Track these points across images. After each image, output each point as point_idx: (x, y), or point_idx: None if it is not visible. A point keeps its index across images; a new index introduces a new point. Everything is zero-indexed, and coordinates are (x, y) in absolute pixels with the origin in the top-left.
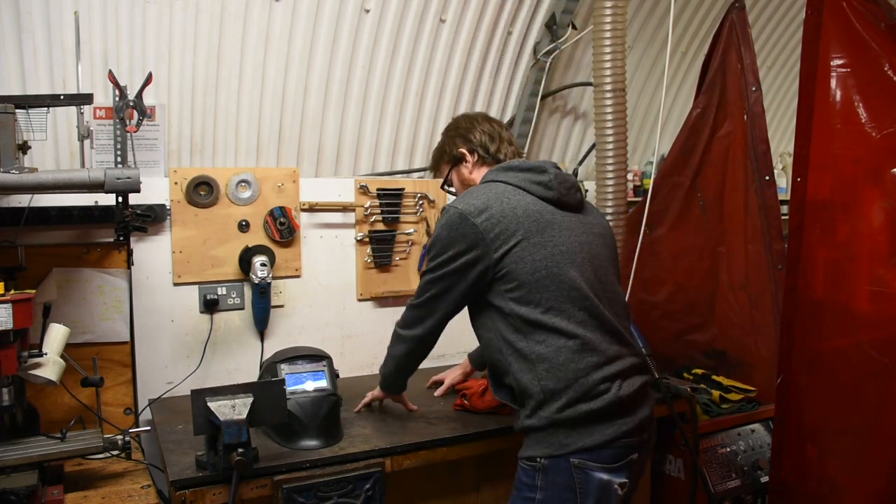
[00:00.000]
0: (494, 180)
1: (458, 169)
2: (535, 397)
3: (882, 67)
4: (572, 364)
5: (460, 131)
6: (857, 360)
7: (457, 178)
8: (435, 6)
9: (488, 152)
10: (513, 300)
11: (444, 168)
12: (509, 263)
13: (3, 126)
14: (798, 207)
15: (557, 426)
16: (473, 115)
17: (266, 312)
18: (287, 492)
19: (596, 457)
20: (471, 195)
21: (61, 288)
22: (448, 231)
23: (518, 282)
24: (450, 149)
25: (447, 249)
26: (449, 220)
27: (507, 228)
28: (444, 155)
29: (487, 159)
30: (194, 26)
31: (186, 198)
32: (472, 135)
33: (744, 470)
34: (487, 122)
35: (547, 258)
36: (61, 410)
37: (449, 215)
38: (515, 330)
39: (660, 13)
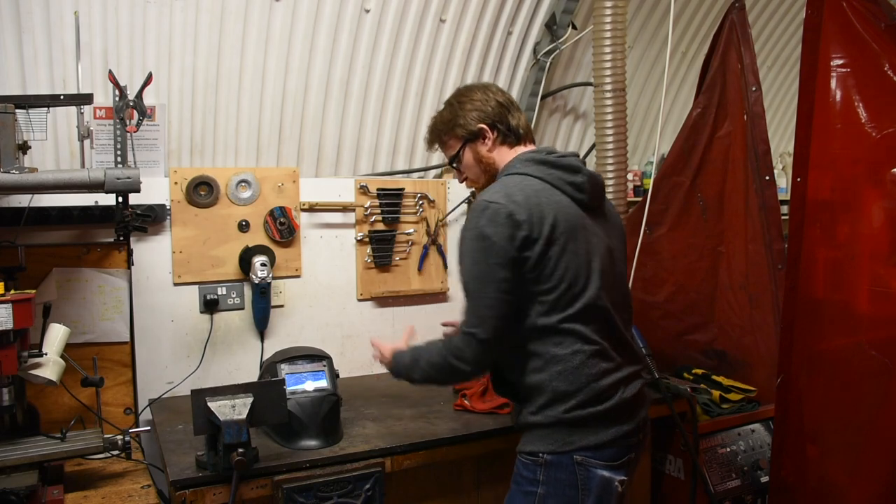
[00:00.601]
0: (526, 173)
1: (475, 146)
2: (544, 396)
3: (882, 67)
4: (586, 369)
5: (477, 104)
6: (857, 360)
7: (471, 155)
8: (435, 6)
9: (510, 129)
10: (538, 303)
11: (454, 143)
12: (542, 268)
13: (3, 126)
14: (798, 207)
15: (563, 424)
16: (486, 86)
17: (266, 312)
18: (287, 492)
19: (599, 455)
20: (508, 189)
21: (61, 288)
22: (494, 227)
23: (547, 286)
24: (465, 122)
25: (493, 246)
26: (494, 215)
27: (546, 230)
28: (457, 129)
29: (509, 137)
30: (194, 26)
31: (186, 198)
32: (492, 109)
33: (744, 470)
34: (502, 93)
35: (577, 267)
36: (61, 410)
37: (492, 210)
38: (533, 330)
39: (660, 13)
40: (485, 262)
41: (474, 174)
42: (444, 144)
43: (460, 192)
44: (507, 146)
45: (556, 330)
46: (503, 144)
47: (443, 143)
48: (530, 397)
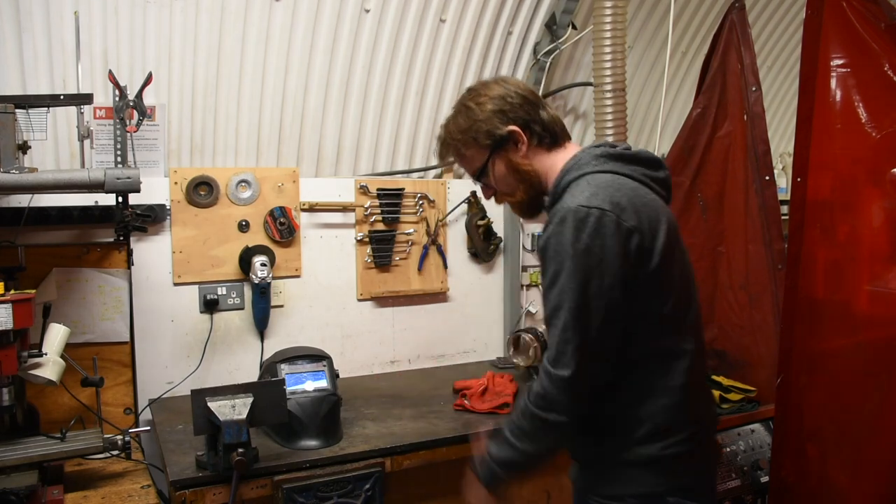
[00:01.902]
0: (609, 171)
1: (506, 154)
2: (640, 431)
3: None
4: (691, 399)
5: (499, 102)
6: (857, 360)
7: (504, 166)
8: (435, 6)
9: (545, 128)
10: (648, 325)
11: (478, 154)
12: (657, 283)
13: (3, 126)
14: (798, 207)
15: (657, 463)
16: (503, 80)
17: (266, 312)
18: (287, 492)
19: (693, 497)
20: (601, 190)
21: (61, 288)
22: (601, 240)
23: (660, 305)
24: (489, 127)
25: (602, 263)
26: (598, 224)
27: (661, 237)
28: (479, 137)
29: (545, 139)
30: (194, 26)
31: (186, 198)
32: (519, 105)
33: (744, 470)
34: (523, 86)
35: (685, 279)
36: (61, 410)
37: (595, 218)
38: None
39: (660, 13)
40: (590, 284)
41: (509, 187)
42: (462, 157)
43: (460, 192)
44: (543, 149)
45: (665, 354)
46: (539, 147)
47: (461, 156)
48: (617, 431)
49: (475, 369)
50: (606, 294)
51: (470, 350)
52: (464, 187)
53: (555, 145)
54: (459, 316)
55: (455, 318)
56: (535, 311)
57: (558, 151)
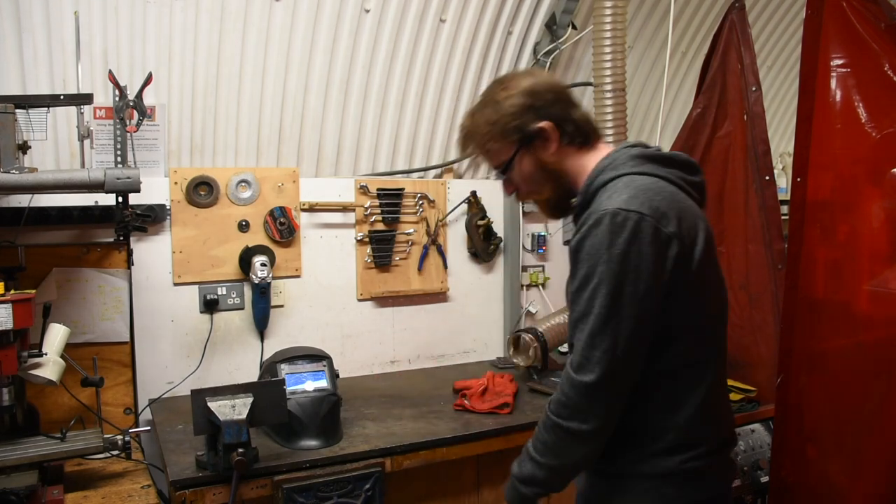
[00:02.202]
0: (646, 173)
1: (534, 151)
2: (659, 444)
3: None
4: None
5: (529, 98)
6: (857, 360)
7: (531, 163)
8: (435, 6)
9: (577, 127)
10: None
11: (504, 149)
12: (696, 292)
13: (3, 126)
14: (798, 207)
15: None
16: (532, 72)
17: (266, 312)
18: (287, 492)
19: None
20: (639, 193)
21: (61, 288)
22: (639, 246)
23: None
24: (520, 122)
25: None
26: (637, 229)
27: (700, 244)
28: (508, 132)
29: (577, 137)
30: (194, 26)
31: (186, 198)
32: (556, 106)
33: (744, 470)
34: (554, 80)
35: (718, 285)
36: (61, 410)
37: (633, 222)
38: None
39: (660, 13)
40: (623, 291)
41: (534, 185)
42: (487, 151)
43: (460, 192)
44: (573, 148)
45: (696, 364)
46: (570, 146)
47: (486, 150)
48: (637, 443)
49: (475, 369)
50: (639, 302)
51: (470, 350)
52: (464, 187)
53: (585, 144)
54: (459, 316)
55: (455, 318)
56: (536, 311)
57: (589, 151)
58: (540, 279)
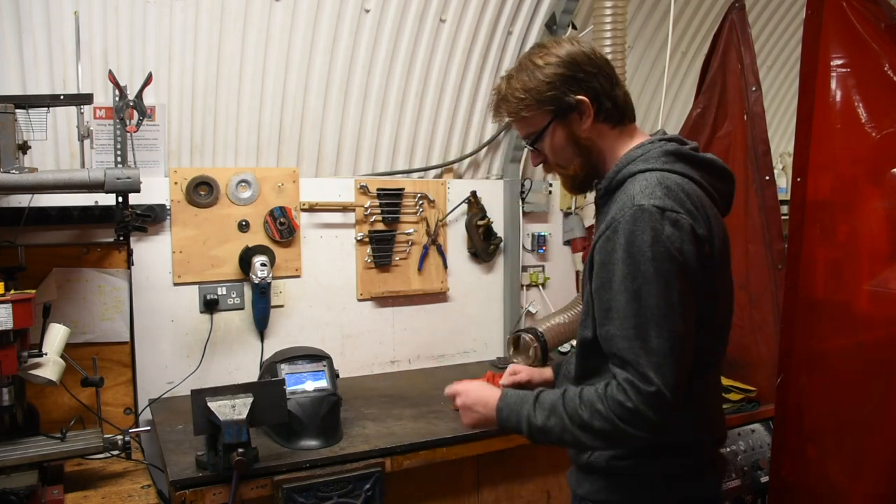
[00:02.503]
0: (676, 172)
1: (568, 124)
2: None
3: (882, 67)
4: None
5: (570, 67)
6: (857, 360)
7: (563, 135)
8: (435, 6)
9: (616, 104)
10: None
11: (538, 118)
12: (715, 297)
13: (3, 126)
14: (798, 207)
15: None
16: (581, 42)
17: (266, 312)
18: (287, 492)
19: None
20: (672, 191)
21: (61, 288)
22: (682, 243)
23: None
24: (558, 93)
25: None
26: (678, 227)
27: (717, 250)
28: (544, 100)
29: (614, 115)
30: (194, 26)
31: (186, 198)
32: (597, 80)
33: (744, 470)
34: (602, 56)
35: (730, 293)
36: (61, 410)
37: (673, 220)
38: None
39: (660, 13)
40: (677, 289)
41: (564, 158)
42: (520, 119)
43: (460, 192)
44: (608, 126)
45: (703, 366)
46: (605, 122)
47: (520, 117)
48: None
49: (475, 369)
50: (687, 302)
51: (470, 350)
52: (464, 187)
53: (620, 124)
54: (459, 316)
55: (455, 318)
56: (536, 311)
57: (623, 133)
58: (540, 279)
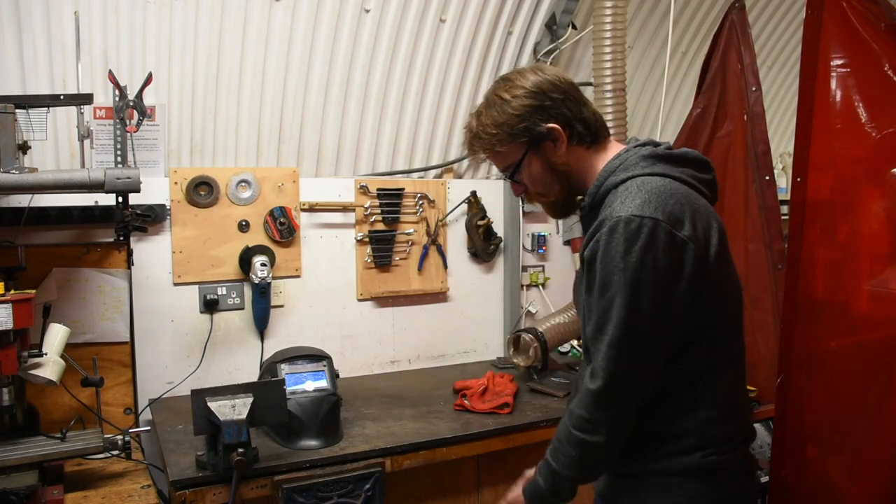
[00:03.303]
0: (657, 174)
1: (543, 152)
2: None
3: (882, 67)
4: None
5: (537, 96)
6: (857, 360)
7: (540, 164)
8: (435, 6)
9: (587, 126)
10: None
11: (513, 151)
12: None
13: (3, 126)
14: (798, 207)
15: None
16: (539, 69)
17: (266, 312)
18: (287, 492)
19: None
20: (652, 195)
21: (61, 288)
22: (654, 253)
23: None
24: (528, 124)
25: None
26: (651, 236)
27: (714, 245)
28: (516, 133)
29: (586, 137)
30: (194, 26)
31: (186, 198)
32: (560, 100)
33: None
34: (561, 77)
35: (735, 283)
36: (61, 410)
37: (648, 228)
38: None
39: (660, 13)
40: (641, 300)
41: (543, 186)
42: (495, 154)
43: (460, 192)
44: (583, 147)
45: (718, 364)
46: (579, 145)
47: (494, 152)
48: (656, 444)
49: (475, 369)
50: (658, 309)
51: (470, 350)
52: (464, 187)
53: (595, 143)
54: (459, 316)
55: (455, 318)
56: (536, 311)
57: (598, 150)
58: (540, 279)
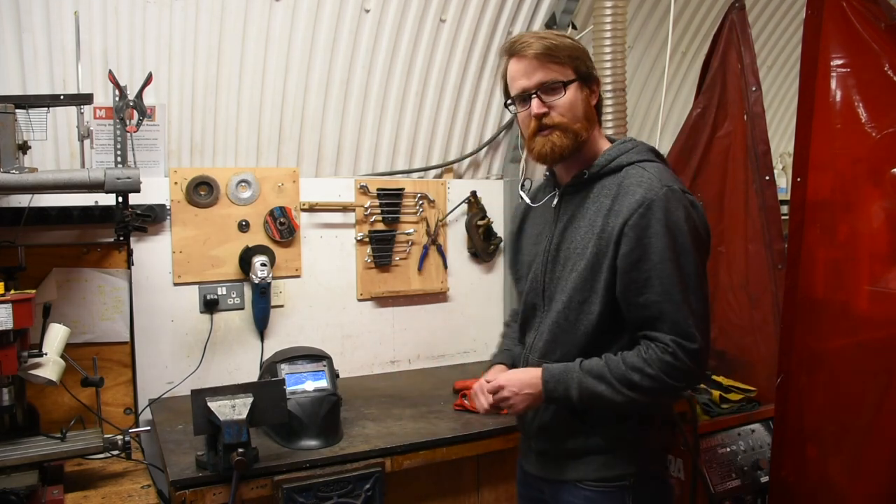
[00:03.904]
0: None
1: (584, 92)
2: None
3: (882, 67)
4: None
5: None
6: (857, 360)
7: (578, 97)
8: (435, 6)
9: (599, 106)
10: None
11: (567, 72)
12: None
13: (3, 126)
14: (798, 207)
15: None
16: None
17: (266, 312)
18: (287, 492)
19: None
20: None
21: (61, 288)
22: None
23: None
24: (591, 63)
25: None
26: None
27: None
28: (580, 62)
29: (599, 111)
30: (194, 26)
31: (186, 198)
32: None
33: (744, 470)
34: None
35: None
36: (61, 410)
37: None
38: None
39: (660, 13)
40: (702, 260)
41: (570, 115)
42: (554, 64)
43: (460, 192)
44: (597, 117)
45: None
46: (596, 112)
47: (556, 61)
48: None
49: (475, 369)
50: (705, 270)
51: (470, 350)
52: (464, 187)
53: (598, 123)
54: (459, 316)
55: (455, 318)
56: None
57: (598, 130)
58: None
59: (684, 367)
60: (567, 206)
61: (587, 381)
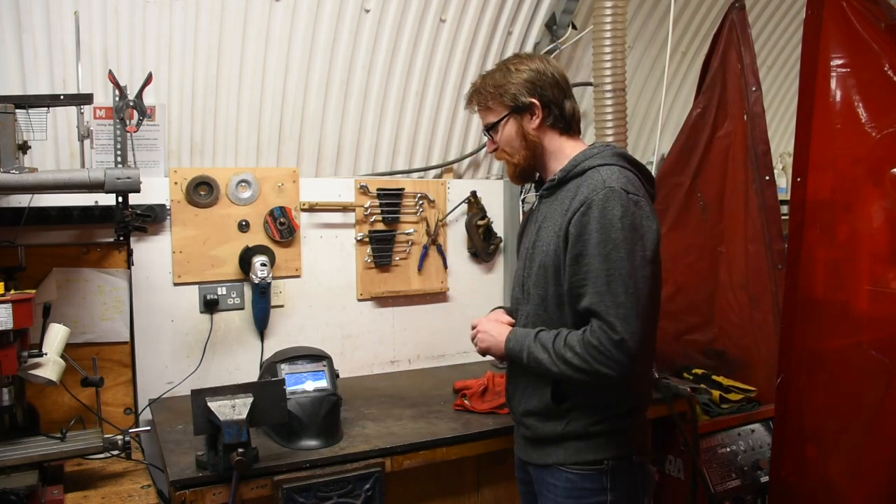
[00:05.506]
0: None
1: (520, 120)
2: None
3: (882, 67)
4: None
5: (533, 75)
6: (857, 360)
7: (514, 129)
8: (435, 6)
9: (563, 114)
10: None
11: (498, 110)
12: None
13: (3, 126)
14: (798, 207)
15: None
16: (545, 58)
17: (266, 312)
18: (287, 492)
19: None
20: (631, 180)
21: (61, 288)
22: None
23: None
24: (516, 91)
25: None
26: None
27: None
28: (505, 96)
29: (560, 123)
30: (194, 26)
31: (186, 198)
32: (549, 85)
33: (744, 470)
34: (560, 72)
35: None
36: (61, 410)
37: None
38: None
39: (660, 13)
40: (639, 255)
41: (512, 149)
42: (485, 108)
43: (460, 192)
44: (556, 132)
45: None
46: (552, 129)
47: (485, 107)
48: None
49: (475, 369)
50: (649, 267)
51: (470, 350)
52: (464, 187)
53: (566, 132)
54: (459, 316)
55: (455, 318)
56: None
57: (567, 139)
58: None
59: (608, 353)
60: (543, 208)
61: (535, 348)
